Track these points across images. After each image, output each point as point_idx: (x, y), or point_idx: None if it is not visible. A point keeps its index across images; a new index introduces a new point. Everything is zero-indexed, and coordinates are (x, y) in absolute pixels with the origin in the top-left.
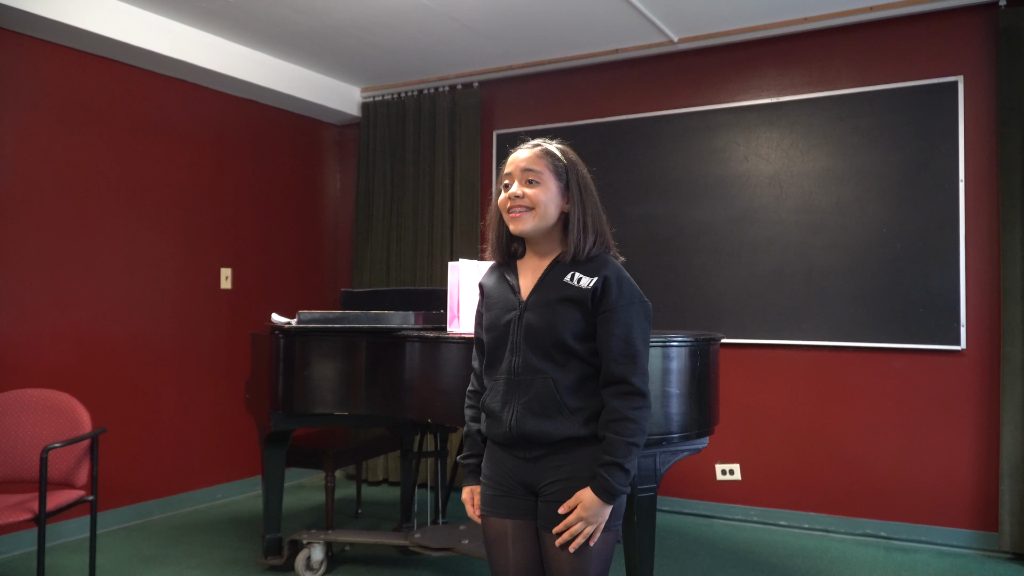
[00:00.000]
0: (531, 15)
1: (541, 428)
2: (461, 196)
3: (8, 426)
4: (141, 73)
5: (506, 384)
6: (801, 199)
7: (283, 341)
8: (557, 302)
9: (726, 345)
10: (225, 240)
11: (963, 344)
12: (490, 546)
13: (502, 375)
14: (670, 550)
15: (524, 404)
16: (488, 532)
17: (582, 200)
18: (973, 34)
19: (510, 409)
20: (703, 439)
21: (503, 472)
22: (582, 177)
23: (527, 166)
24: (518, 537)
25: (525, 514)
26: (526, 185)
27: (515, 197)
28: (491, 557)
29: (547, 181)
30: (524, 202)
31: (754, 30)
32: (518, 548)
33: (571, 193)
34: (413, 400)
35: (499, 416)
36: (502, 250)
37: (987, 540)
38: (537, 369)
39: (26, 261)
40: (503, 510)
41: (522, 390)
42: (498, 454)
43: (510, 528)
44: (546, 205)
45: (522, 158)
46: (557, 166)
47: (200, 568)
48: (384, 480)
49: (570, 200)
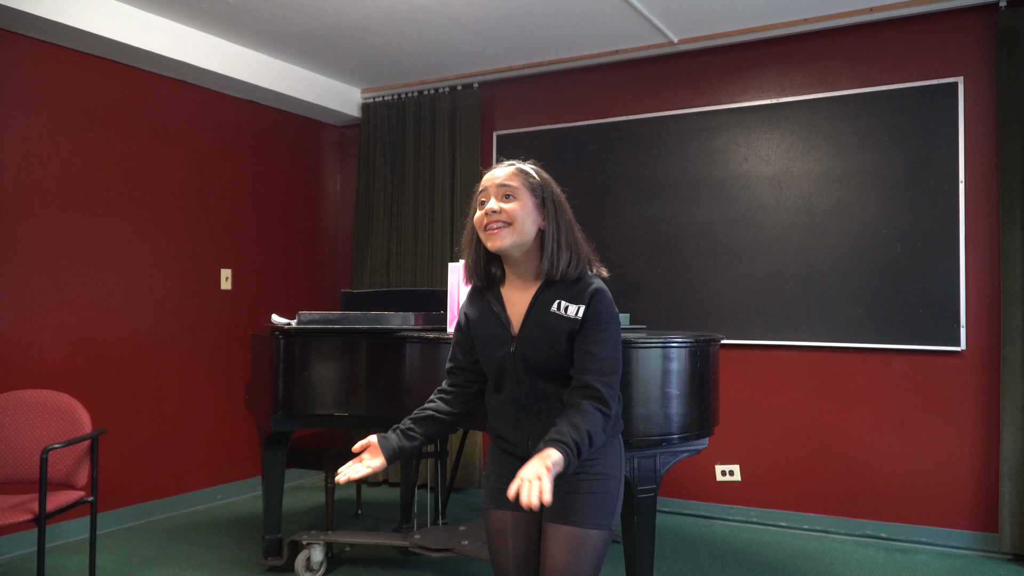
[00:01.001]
0: (531, 16)
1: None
2: (461, 197)
3: (8, 427)
4: (142, 74)
5: (515, 412)
6: (801, 200)
7: (283, 342)
8: (549, 335)
9: (726, 346)
10: (225, 241)
11: (963, 345)
12: (491, 539)
13: (509, 404)
14: (670, 551)
15: (538, 431)
16: (490, 524)
17: (556, 217)
18: (973, 35)
19: (524, 434)
20: (703, 440)
21: (511, 467)
22: (556, 195)
23: (503, 182)
24: (519, 529)
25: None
26: (503, 200)
27: (492, 212)
28: (492, 548)
29: (523, 196)
30: (502, 217)
31: (754, 31)
32: (519, 540)
33: (546, 210)
34: (413, 401)
35: (513, 441)
36: (480, 274)
37: (987, 541)
38: (543, 396)
39: (26, 262)
40: (509, 503)
41: (533, 417)
42: (508, 456)
43: (511, 521)
44: (523, 220)
45: (498, 175)
46: (532, 183)
47: (200, 569)
48: (384, 481)
49: (546, 217)
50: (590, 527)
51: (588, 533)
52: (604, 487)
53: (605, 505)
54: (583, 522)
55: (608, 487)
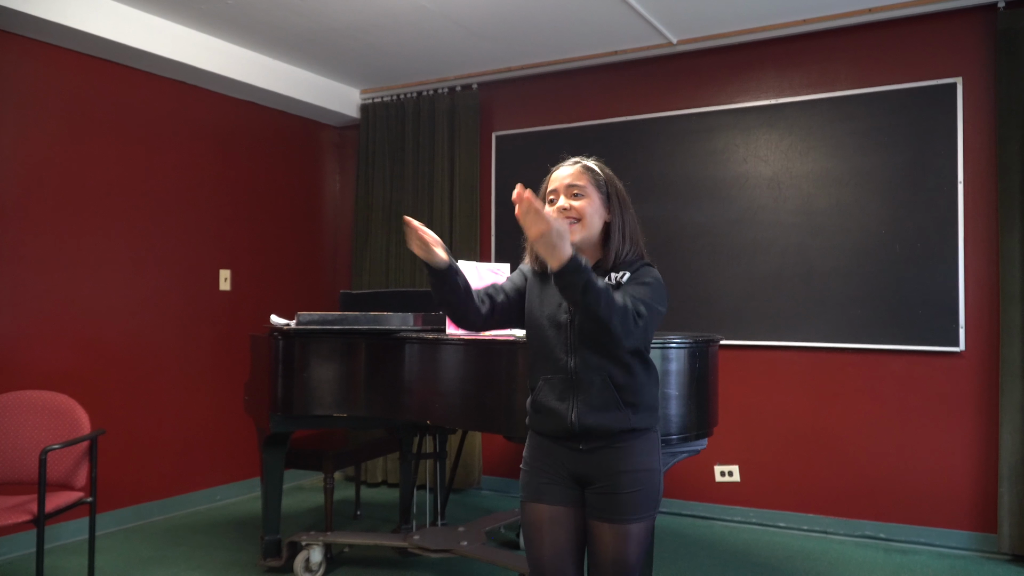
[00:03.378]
0: (530, 17)
1: (602, 422)
2: (460, 198)
3: (7, 428)
4: (141, 75)
5: (563, 383)
6: (800, 200)
7: (282, 343)
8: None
9: (725, 347)
10: (224, 242)
11: (962, 346)
12: (528, 533)
13: (558, 374)
14: (669, 552)
15: (584, 400)
16: (526, 517)
17: (622, 211)
18: (972, 36)
19: (570, 406)
20: (702, 440)
21: (554, 463)
22: (620, 190)
23: (572, 181)
24: (557, 524)
25: (568, 502)
26: (572, 198)
27: (563, 210)
28: (528, 540)
29: (591, 194)
30: (572, 214)
31: (753, 32)
32: (557, 532)
33: (612, 204)
34: (412, 402)
35: (558, 412)
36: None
37: (986, 542)
38: (595, 367)
39: (26, 263)
40: (547, 497)
41: (582, 388)
42: (548, 446)
43: (550, 514)
44: (591, 216)
45: (566, 175)
46: (598, 180)
47: (199, 570)
48: (383, 482)
49: (611, 211)
50: (633, 521)
51: (633, 527)
52: (646, 482)
53: (648, 499)
54: (627, 519)
55: (650, 481)
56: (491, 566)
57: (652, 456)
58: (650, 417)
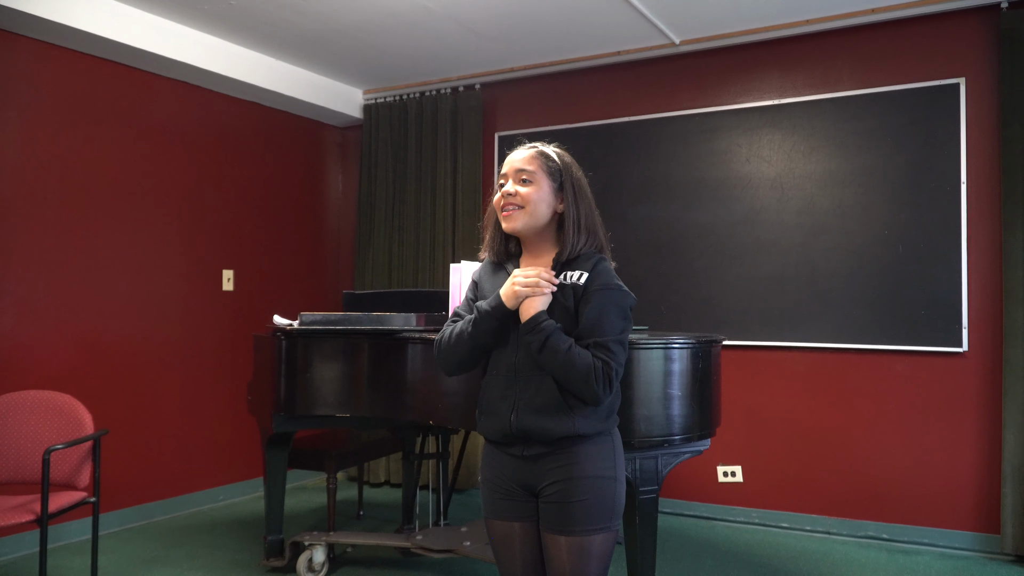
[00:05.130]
0: (533, 17)
1: (542, 425)
2: (463, 198)
3: (10, 428)
4: (143, 75)
5: (507, 380)
6: (803, 201)
7: (285, 343)
8: (554, 302)
9: (728, 347)
10: (227, 242)
11: (965, 346)
12: (496, 548)
13: (503, 372)
14: (672, 552)
15: (525, 401)
16: (492, 534)
17: (576, 201)
18: (975, 36)
19: (510, 405)
20: (705, 441)
21: (502, 474)
22: (576, 179)
23: (521, 166)
24: (524, 539)
25: (528, 515)
26: (519, 184)
27: (508, 195)
28: (498, 555)
29: (540, 181)
30: (516, 200)
31: (756, 32)
32: (526, 548)
33: (565, 194)
34: (415, 402)
35: (499, 411)
36: (496, 249)
37: (989, 542)
38: (537, 365)
39: (29, 263)
40: (506, 513)
41: (523, 387)
42: (496, 455)
43: (509, 531)
44: (536, 204)
45: (518, 159)
46: (551, 167)
47: (202, 570)
48: (386, 482)
49: (564, 200)
50: (589, 533)
51: (588, 540)
52: (597, 490)
53: (602, 508)
54: (581, 530)
55: (602, 489)
56: (493, 566)
57: (606, 462)
58: (602, 422)
